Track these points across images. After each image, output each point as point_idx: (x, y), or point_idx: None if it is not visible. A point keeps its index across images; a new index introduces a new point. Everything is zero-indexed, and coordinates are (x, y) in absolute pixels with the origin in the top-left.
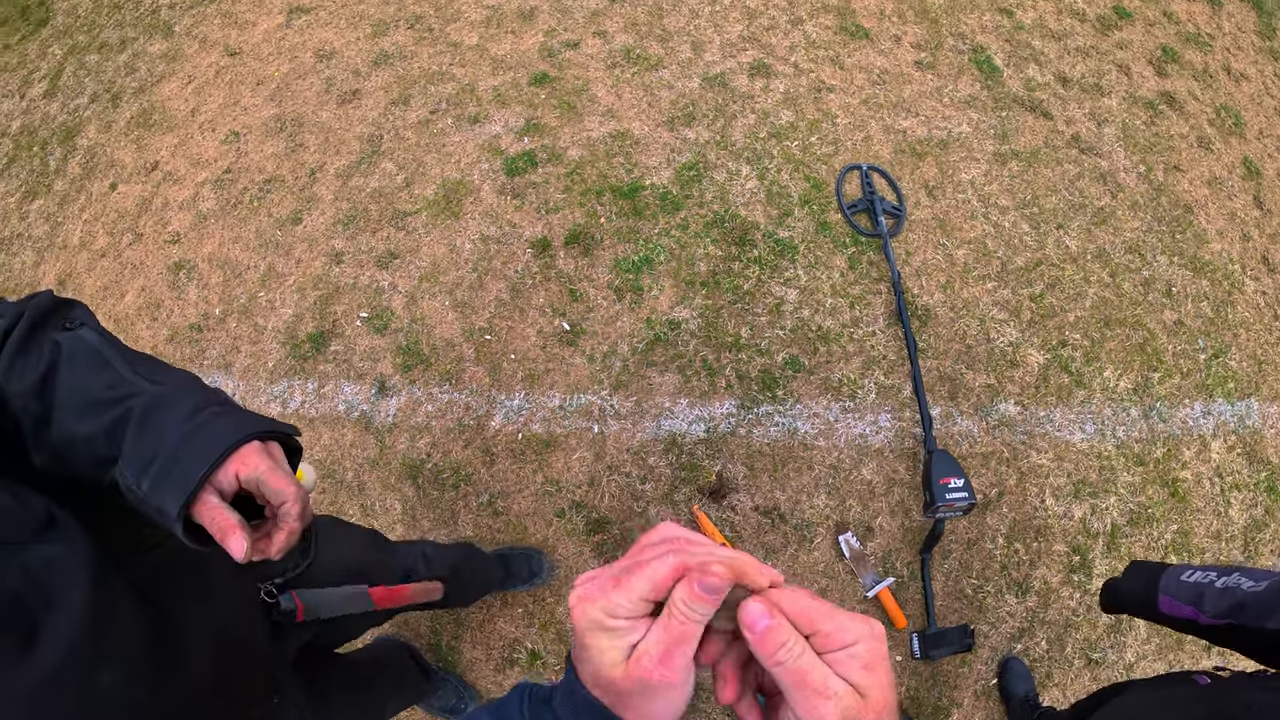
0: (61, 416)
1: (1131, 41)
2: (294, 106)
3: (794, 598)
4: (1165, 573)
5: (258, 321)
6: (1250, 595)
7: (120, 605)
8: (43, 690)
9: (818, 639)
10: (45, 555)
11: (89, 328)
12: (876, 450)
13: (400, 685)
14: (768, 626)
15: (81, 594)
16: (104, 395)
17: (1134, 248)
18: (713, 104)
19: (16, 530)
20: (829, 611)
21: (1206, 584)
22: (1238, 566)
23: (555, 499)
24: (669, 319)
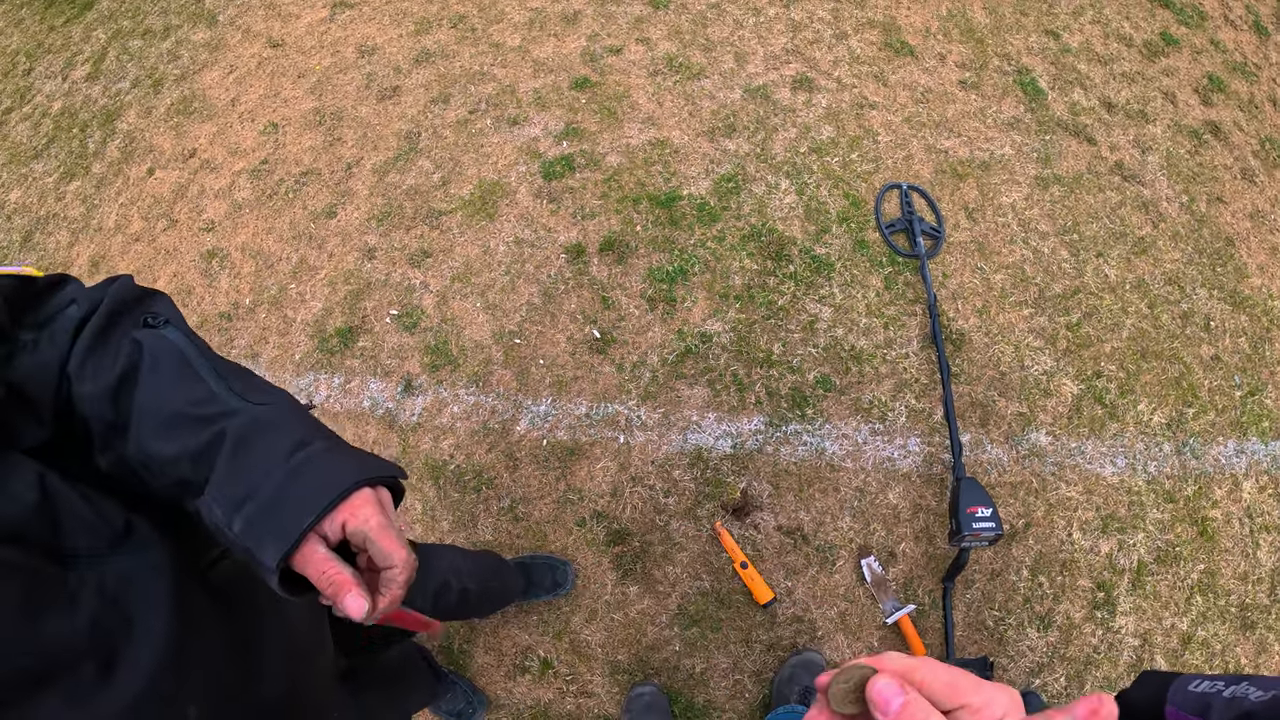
0: (140, 431)
1: (1178, 69)
2: (334, 100)
3: (934, 670)
4: (1174, 683)
5: (287, 313)
6: (1258, 704)
7: (203, 624)
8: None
9: (963, 714)
10: (123, 569)
11: (174, 326)
12: (904, 475)
13: (417, 686)
14: (904, 703)
15: (165, 616)
16: (191, 412)
17: (1173, 279)
18: (754, 116)
19: (92, 541)
20: (974, 685)
21: (1214, 694)
22: (1246, 676)
23: (577, 508)
24: (701, 331)
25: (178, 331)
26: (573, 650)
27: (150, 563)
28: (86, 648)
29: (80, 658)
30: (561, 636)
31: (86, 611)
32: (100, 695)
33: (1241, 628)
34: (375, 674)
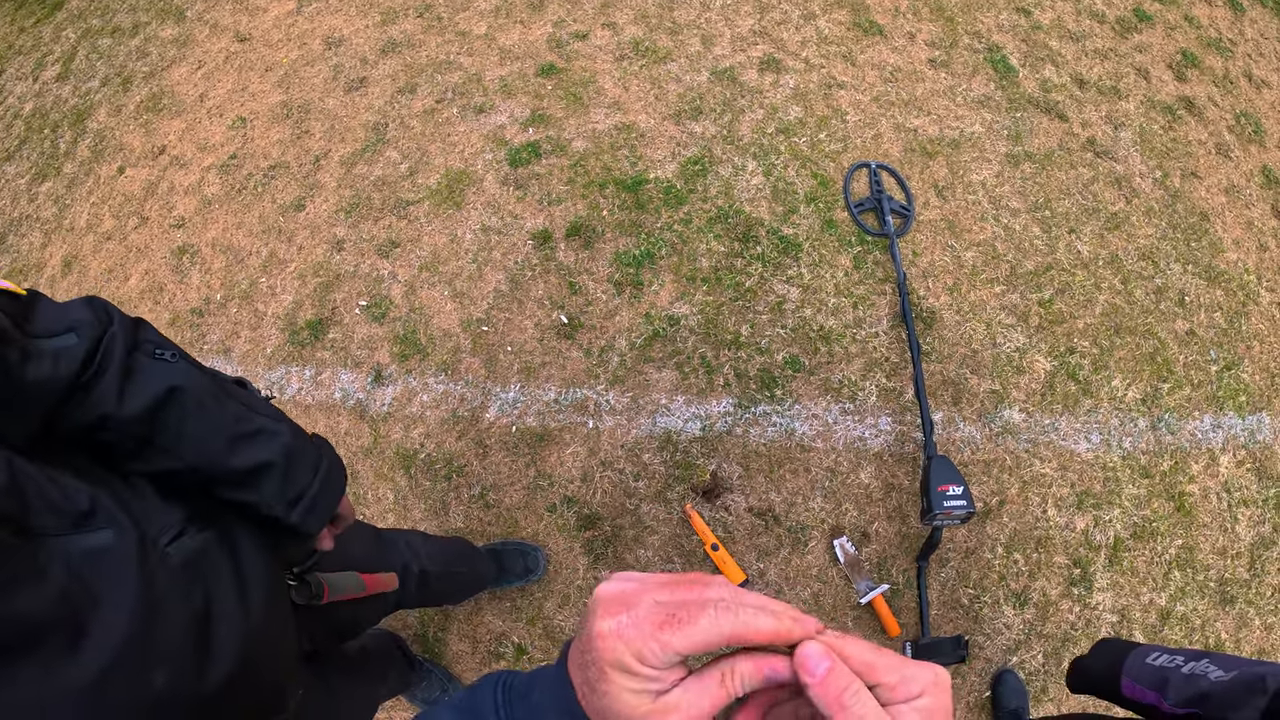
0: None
1: (1151, 45)
2: (301, 93)
3: (857, 646)
4: (1131, 653)
5: (258, 307)
6: (1217, 685)
7: (168, 598)
8: (94, 691)
9: (882, 690)
10: (88, 547)
11: (179, 357)
12: (875, 454)
13: (388, 675)
14: (829, 669)
15: (130, 590)
16: (240, 430)
17: (1147, 254)
18: (721, 98)
19: (58, 521)
20: (895, 663)
21: (1172, 669)
22: (1207, 653)
23: (547, 493)
24: (668, 315)
25: (184, 362)
26: (546, 635)
27: (116, 542)
28: (56, 620)
29: (50, 630)
30: (535, 622)
31: (55, 585)
32: (70, 665)
33: (1220, 603)
34: (342, 656)
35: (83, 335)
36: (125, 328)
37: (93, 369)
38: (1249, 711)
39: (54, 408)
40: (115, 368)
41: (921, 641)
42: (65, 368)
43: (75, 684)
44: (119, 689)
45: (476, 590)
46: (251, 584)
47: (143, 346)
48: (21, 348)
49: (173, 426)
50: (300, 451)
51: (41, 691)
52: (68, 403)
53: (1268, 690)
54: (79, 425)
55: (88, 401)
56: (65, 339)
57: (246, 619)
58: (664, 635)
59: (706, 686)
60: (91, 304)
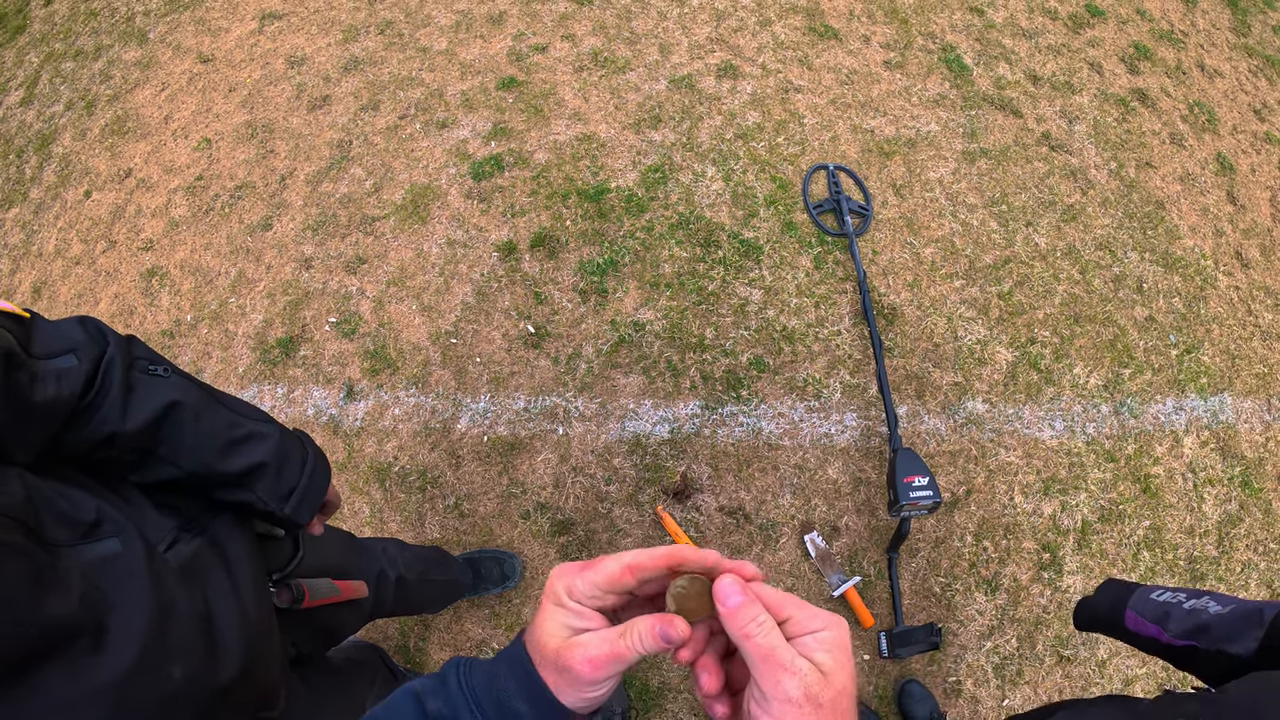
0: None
1: (1104, 39)
2: (265, 113)
3: (767, 590)
4: (1136, 591)
5: (228, 327)
6: (1215, 618)
7: (176, 599)
8: (121, 688)
9: (788, 625)
10: (99, 555)
11: (172, 371)
12: (842, 450)
13: (374, 684)
14: (740, 601)
15: (144, 593)
16: (232, 435)
17: (1104, 244)
18: (679, 106)
19: (69, 533)
20: (800, 602)
21: (1174, 604)
22: (1209, 591)
23: (520, 501)
24: (634, 321)
25: (178, 376)
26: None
27: (125, 550)
28: (81, 623)
29: (77, 632)
30: (514, 628)
31: (76, 591)
32: (97, 664)
33: (1191, 580)
34: (328, 666)
35: (82, 357)
36: (120, 347)
37: (94, 390)
38: (1247, 642)
39: (58, 428)
40: (117, 388)
41: (895, 631)
42: (68, 389)
43: (103, 681)
44: (142, 684)
45: (454, 598)
46: (243, 586)
47: (137, 364)
48: (30, 371)
49: (172, 439)
50: (289, 449)
51: (74, 689)
52: (72, 424)
53: (1264, 621)
54: (87, 443)
55: (93, 421)
56: (65, 360)
57: (244, 618)
58: (584, 573)
59: (608, 635)
60: (85, 325)
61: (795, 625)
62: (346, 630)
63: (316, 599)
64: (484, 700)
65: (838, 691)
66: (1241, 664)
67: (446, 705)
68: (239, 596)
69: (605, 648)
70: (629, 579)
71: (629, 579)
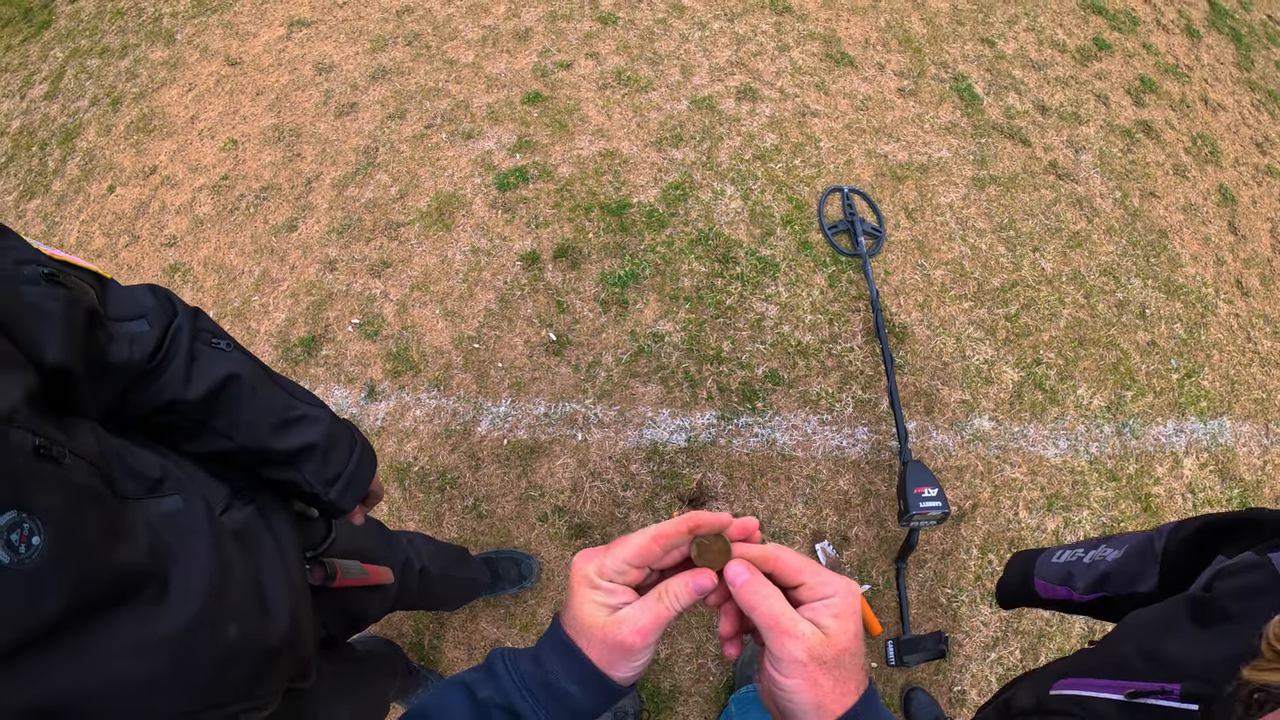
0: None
1: (1110, 72)
2: (292, 117)
3: (788, 555)
4: (1039, 558)
5: (250, 325)
6: (1114, 565)
7: (231, 557)
8: (184, 638)
9: (802, 590)
10: (163, 511)
11: (233, 346)
12: (853, 462)
13: (394, 678)
14: (745, 580)
15: (206, 550)
16: (286, 416)
17: (1109, 270)
18: (700, 126)
19: (135, 486)
20: (816, 569)
21: (1075, 562)
22: (1105, 538)
23: (539, 503)
24: (653, 332)
25: (237, 351)
26: None
27: (188, 507)
28: (148, 573)
29: (144, 582)
30: (529, 629)
31: (144, 542)
32: (163, 614)
33: None
34: (350, 650)
35: (154, 323)
36: (188, 317)
37: (161, 355)
38: (1149, 578)
39: (125, 390)
40: (182, 356)
41: (903, 638)
42: (139, 352)
43: (167, 631)
44: (203, 637)
45: (472, 597)
46: (289, 556)
47: (201, 335)
48: (108, 331)
49: (228, 411)
50: (338, 435)
51: (140, 637)
52: (137, 387)
53: (1157, 554)
54: (149, 407)
55: (156, 385)
56: (139, 325)
57: (291, 586)
58: (612, 551)
59: (647, 604)
60: (155, 292)
61: (809, 591)
62: (371, 616)
63: (347, 579)
64: (533, 685)
65: (840, 650)
66: (1149, 599)
67: (498, 692)
68: (286, 565)
69: (649, 615)
70: (656, 548)
71: (656, 548)
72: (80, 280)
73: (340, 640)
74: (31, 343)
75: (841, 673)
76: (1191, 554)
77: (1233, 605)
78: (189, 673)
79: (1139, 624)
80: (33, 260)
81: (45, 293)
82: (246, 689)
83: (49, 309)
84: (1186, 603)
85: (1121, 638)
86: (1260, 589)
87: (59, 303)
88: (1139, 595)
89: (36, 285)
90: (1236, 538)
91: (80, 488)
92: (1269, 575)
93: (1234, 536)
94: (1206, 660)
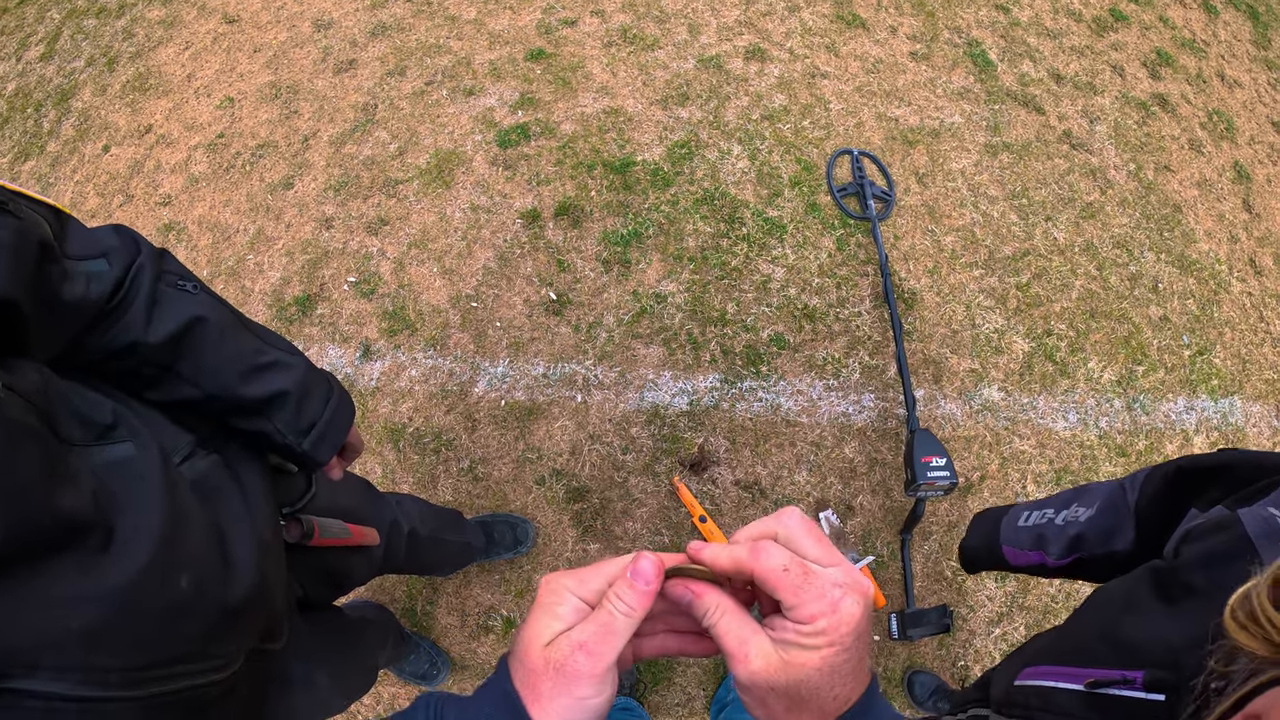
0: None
1: (1126, 43)
2: (290, 74)
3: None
4: (1003, 522)
5: (245, 284)
6: (1087, 524)
7: (187, 510)
8: (129, 590)
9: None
10: (112, 458)
11: (199, 289)
12: (859, 429)
13: (386, 643)
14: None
15: (157, 498)
16: (256, 361)
17: (1122, 243)
18: (707, 85)
19: (83, 433)
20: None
21: (1045, 524)
22: (1076, 491)
23: (536, 466)
24: (655, 292)
25: (205, 294)
26: None
27: (140, 455)
28: (92, 522)
29: (88, 530)
30: (524, 595)
31: (88, 489)
32: (107, 565)
33: None
34: (336, 613)
35: (114, 262)
36: (152, 257)
37: (120, 296)
38: (1126, 534)
39: (79, 333)
40: (143, 297)
41: (908, 611)
42: (96, 291)
43: (112, 583)
44: (151, 590)
45: (466, 562)
46: (257, 510)
47: (165, 277)
48: (62, 268)
49: (194, 356)
50: (313, 383)
51: (81, 588)
52: (94, 329)
53: (1131, 509)
54: (106, 351)
55: (114, 328)
56: (98, 264)
57: (258, 541)
58: (585, 571)
59: (594, 614)
60: (119, 232)
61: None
62: (356, 578)
63: (326, 538)
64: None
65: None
66: (1129, 558)
67: None
68: (253, 519)
69: (592, 627)
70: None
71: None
72: (34, 212)
73: (322, 603)
74: None
75: (796, 702)
76: (1165, 507)
77: (1198, 577)
78: (134, 627)
79: (1104, 600)
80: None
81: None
82: (200, 646)
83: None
84: (1149, 575)
85: (1085, 617)
86: (1228, 554)
87: (7, 232)
88: (1118, 555)
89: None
90: (1209, 486)
91: (15, 424)
92: (1236, 538)
93: (1206, 485)
94: (1170, 644)
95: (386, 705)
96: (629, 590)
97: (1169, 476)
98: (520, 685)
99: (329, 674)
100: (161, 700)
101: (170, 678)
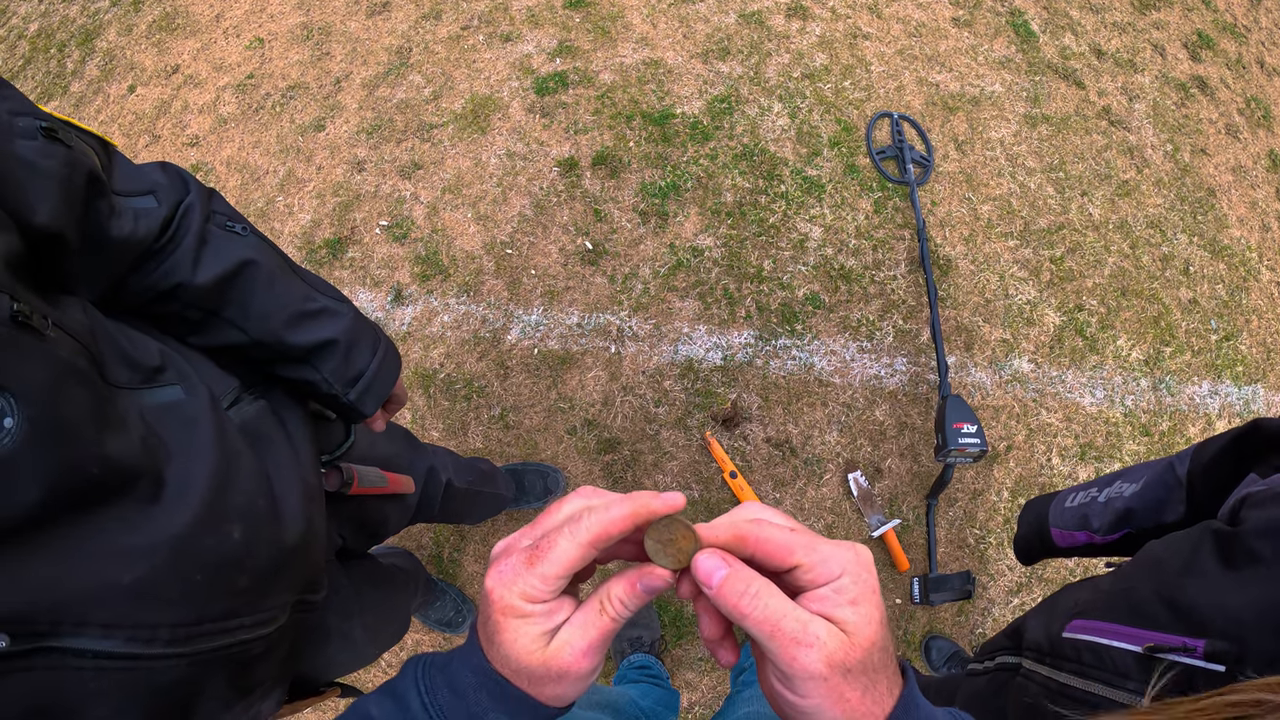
0: (267, 323)
1: (1168, 23)
2: (322, 15)
3: (766, 533)
4: (1051, 505)
5: (274, 225)
6: (1133, 498)
7: (237, 454)
8: (180, 544)
9: (798, 573)
10: (160, 402)
11: (249, 231)
12: (890, 393)
13: (414, 594)
14: (724, 576)
15: (207, 444)
16: (304, 308)
17: (1155, 223)
18: (748, 40)
19: (130, 375)
20: (808, 543)
21: (1089, 503)
22: (1118, 472)
23: (568, 416)
24: (692, 246)
25: (254, 236)
26: None
27: (189, 399)
28: (141, 469)
29: (136, 478)
30: None
31: (136, 434)
32: (155, 516)
33: None
34: (371, 562)
35: (162, 200)
36: (201, 197)
37: (168, 235)
38: (1175, 506)
39: (124, 272)
40: (191, 237)
41: (930, 576)
42: (144, 229)
43: (163, 534)
44: (202, 541)
45: (495, 511)
46: (303, 456)
47: (215, 218)
48: (110, 203)
49: (241, 301)
50: (361, 332)
51: (132, 539)
52: (139, 269)
53: (1181, 480)
54: (152, 292)
55: (160, 269)
56: (145, 201)
57: (305, 487)
58: (536, 569)
59: (589, 617)
60: (167, 169)
61: (808, 573)
62: (390, 527)
63: (364, 486)
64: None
65: (866, 649)
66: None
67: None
68: (300, 466)
69: (591, 632)
70: (592, 553)
71: (592, 553)
72: (83, 142)
73: (358, 551)
74: (20, 201)
75: (871, 676)
76: (1223, 471)
77: (1262, 545)
78: (184, 581)
79: (1159, 559)
80: (30, 113)
81: (41, 148)
82: (250, 600)
83: (44, 166)
84: (1211, 537)
85: (1140, 575)
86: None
87: (55, 161)
88: (1168, 527)
89: (33, 140)
90: (1273, 452)
91: (65, 364)
92: None
93: (1272, 451)
94: (1233, 614)
95: (410, 651)
96: (631, 598)
97: (1239, 434)
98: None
99: (363, 625)
100: (207, 656)
101: (219, 633)
